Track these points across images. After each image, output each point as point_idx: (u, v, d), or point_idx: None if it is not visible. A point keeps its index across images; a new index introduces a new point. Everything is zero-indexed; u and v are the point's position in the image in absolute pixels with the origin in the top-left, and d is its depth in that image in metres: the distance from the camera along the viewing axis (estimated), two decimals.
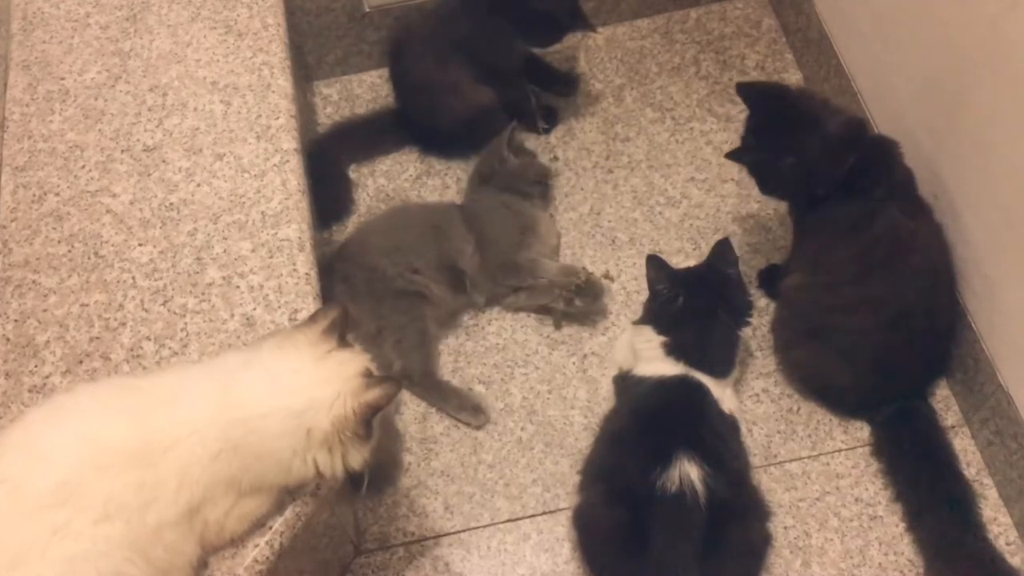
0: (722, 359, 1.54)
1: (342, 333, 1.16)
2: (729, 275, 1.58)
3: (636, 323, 1.60)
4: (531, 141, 2.01)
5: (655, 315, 1.55)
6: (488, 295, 1.80)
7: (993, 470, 1.59)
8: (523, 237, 1.80)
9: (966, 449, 1.62)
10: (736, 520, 1.38)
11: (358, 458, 1.15)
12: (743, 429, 1.61)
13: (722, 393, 1.50)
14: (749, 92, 1.59)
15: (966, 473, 1.58)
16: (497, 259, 1.77)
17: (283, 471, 1.12)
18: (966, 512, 1.53)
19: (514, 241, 1.79)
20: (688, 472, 1.34)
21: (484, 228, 1.79)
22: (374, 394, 1.11)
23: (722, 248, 1.60)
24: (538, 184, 1.88)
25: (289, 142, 1.55)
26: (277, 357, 1.14)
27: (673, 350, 1.51)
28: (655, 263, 1.57)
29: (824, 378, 1.65)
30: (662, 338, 1.52)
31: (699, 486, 1.34)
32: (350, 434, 1.11)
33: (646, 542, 1.33)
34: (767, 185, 1.63)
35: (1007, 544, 1.53)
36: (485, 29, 1.85)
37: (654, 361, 1.52)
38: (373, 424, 1.14)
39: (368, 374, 1.14)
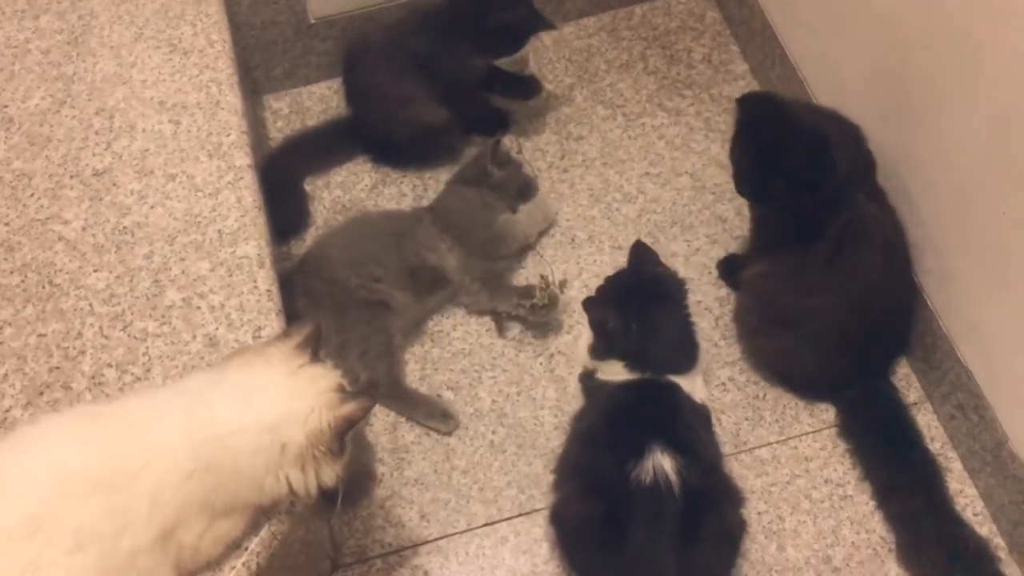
0: (684, 356, 1.53)
1: (315, 349, 1.15)
2: (658, 273, 1.57)
3: (594, 358, 1.55)
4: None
5: (615, 351, 1.51)
6: (482, 277, 1.78)
7: (956, 443, 1.62)
8: (492, 214, 1.82)
9: (929, 424, 1.65)
10: (711, 508, 1.39)
11: (331, 474, 1.14)
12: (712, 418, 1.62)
13: (692, 385, 1.50)
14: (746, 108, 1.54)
15: (931, 448, 1.61)
16: (480, 238, 1.79)
17: (256, 489, 1.11)
18: (933, 486, 1.56)
19: (486, 218, 1.81)
20: (661, 463, 1.35)
21: (457, 220, 1.80)
22: (350, 408, 1.10)
23: (640, 249, 1.58)
24: (520, 197, 1.88)
25: (242, 158, 1.54)
26: (248, 373, 1.12)
27: (635, 367, 1.49)
28: (593, 303, 1.52)
29: (789, 362, 1.67)
30: (625, 362, 1.50)
31: (673, 476, 1.34)
32: (324, 449, 1.10)
33: (623, 534, 1.34)
34: (747, 189, 1.60)
35: (974, 515, 1.56)
36: (444, 47, 1.85)
37: (618, 374, 1.52)
38: (346, 440, 1.14)
39: (341, 389, 1.14)
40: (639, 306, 1.50)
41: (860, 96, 1.69)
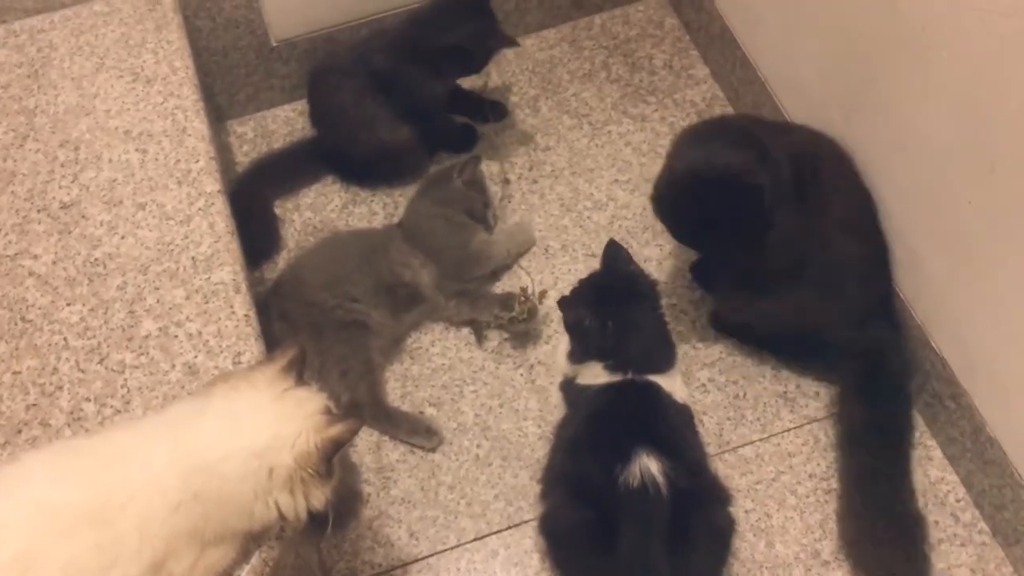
0: (662, 354, 1.54)
1: (299, 372, 1.15)
2: (632, 272, 1.57)
3: (575, 362, 1.54)
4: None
5: (592, 351, 1.50)
6: (455, 296, 1.79)
7: (935, 431, 1.64)
8: (467, 234, 1.82)
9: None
10: (699, 508, 1.39)
11: (320, 497, 1.13)
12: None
13: (672, 384, 1.51)
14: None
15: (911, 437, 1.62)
16: (453, 258, 1.79)
17: (245, 516, 1.10)
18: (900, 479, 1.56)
19: (461, 238, 1.81)
20: (648, 466, 1.35)
21: (428, 238, 1.80)
22: (337, 429, 1.09)
23: (613, 249, 1.59)
24: (473, 216, 1.88)
25: (212, 184, 1.53)
26: (233, 398, 1.11)
27: (615, 368, 1.49)
28: (568, 303, 1.53)
29: (797, 315, 1.63)
30: (605, 363, 1.49)
31: (660, 479, 1.35)
32: (312, 472, 1.09)
33: (614, 539, 1.34)
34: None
35: (956, 501, 1.59)
36: (408, 70, 1.84)
37: (598, 376, 1.51)
38: (334, 462, 1.13)
39: (328, 411, 1.13)
40: (614, 304, 1.50)
41: (822, 93, 1.72)
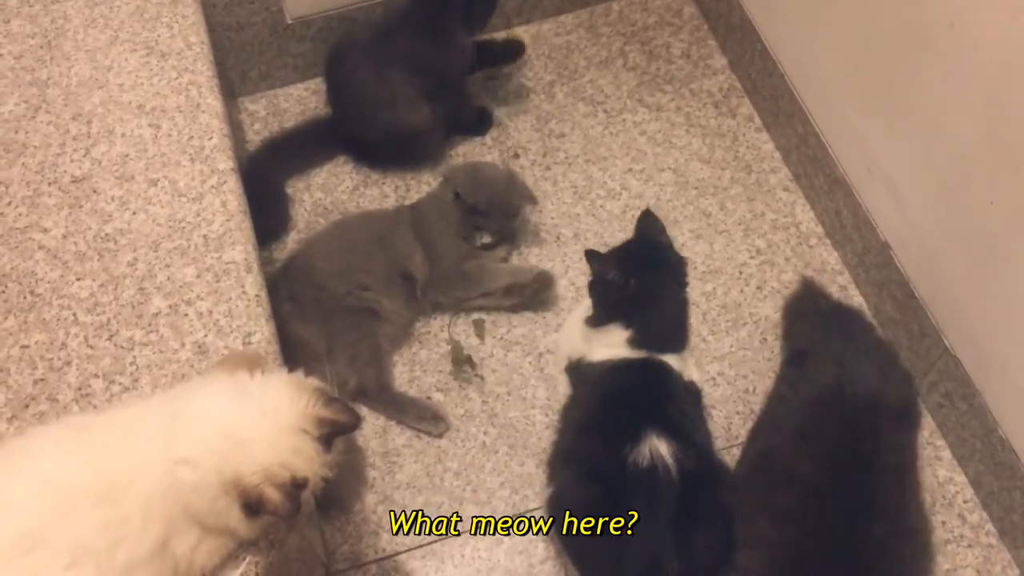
0: (681, 333, 1.57)
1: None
2: (663, 243, 1.61)
3: (594, 325, 1.56)
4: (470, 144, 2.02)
5: (613, 309, 1.53)
6: (434, 304, 1.78)
7: (945, 431, 1.63)
8: (467, 250, 1.78)
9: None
10: (707, 488, 1.39)
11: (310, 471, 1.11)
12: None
13: (684, 364, 1.51)
14: None
15: (920, 436, 1.61)
16: (442, 269, 1.75)
17: (214, 511, 1.09)
18: None
19: (460, 253, 1.77)
20: (658, 447, 1.35)
21: (429, 237, 1.77)
22: (331, 415, 1.08)
23: (647, 219, 1.63)
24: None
25: (225, 162, 1.51)
26: (228, 384, 1.10)
27: (638, 342, 1.50)
28: (594, 255, 1.55)
29: None
30: (627, 332, 1.51)
31: (670, 461, 1.34)
32: (307, 455, 1.08)
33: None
34: None
35: (964, 502, 1.58)
36: (432, 36, 1.82)
37: (615, 348, 1.52)
38: (334, 442, 1.12)
39: (325, 396, 1.12)
40: (640, 267, 1.53)
41: (843, 89, 1.70)
